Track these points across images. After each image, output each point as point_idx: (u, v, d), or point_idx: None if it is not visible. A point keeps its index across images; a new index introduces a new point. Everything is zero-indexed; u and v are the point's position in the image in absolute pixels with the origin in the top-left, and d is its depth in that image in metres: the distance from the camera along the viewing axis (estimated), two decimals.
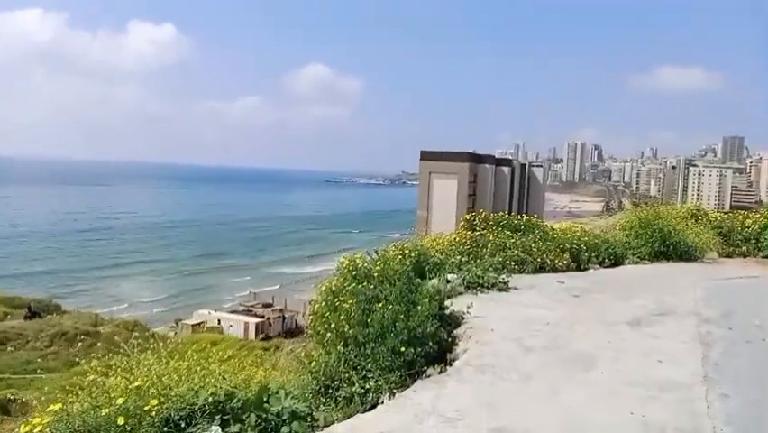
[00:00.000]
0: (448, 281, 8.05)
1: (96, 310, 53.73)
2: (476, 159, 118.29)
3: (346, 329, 5.77)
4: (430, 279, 8.03)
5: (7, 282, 68.23)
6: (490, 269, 8.90)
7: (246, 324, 55.98)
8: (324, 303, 6.35)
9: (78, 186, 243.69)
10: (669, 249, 12.03)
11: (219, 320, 57.57)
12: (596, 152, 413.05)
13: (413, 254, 8.26)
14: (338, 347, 5.76)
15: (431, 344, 5.69)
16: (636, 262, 11.53)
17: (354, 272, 6.57)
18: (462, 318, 6.61)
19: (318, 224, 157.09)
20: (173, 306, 69.30)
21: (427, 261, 8.57)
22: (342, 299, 6.15)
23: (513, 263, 9.84)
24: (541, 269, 10.11)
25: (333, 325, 5.93)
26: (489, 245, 10.08)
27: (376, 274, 6.45)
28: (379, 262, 6.67)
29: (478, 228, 11.06)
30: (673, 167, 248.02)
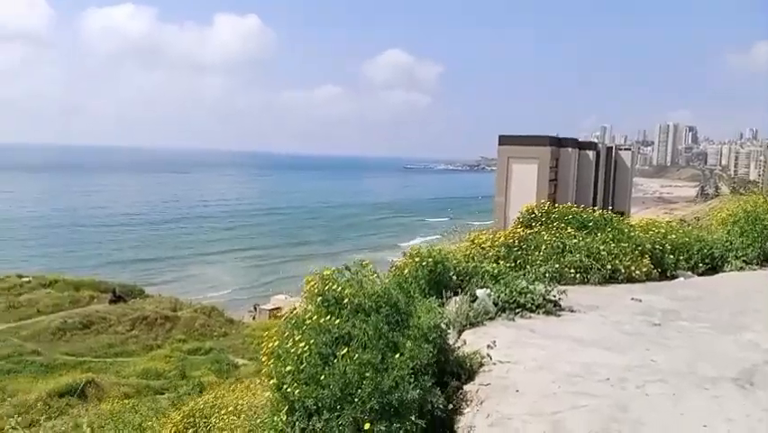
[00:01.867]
0: (473, 300, 5.95)
1: (179, 294, 54.85)
2: (557, 142, 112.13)
3: (292, 388, 3.86)
4: (447, 298, 5.97)
5: (99, 268, 71.29)
6: (540, 280, 6.70)
7: None
8: (278, 342, 4.45)
9: (169, 173, 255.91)
10: None
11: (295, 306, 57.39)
12: (690, 133, 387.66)
13: (426, 262, 6.22)
14: (281, 415, 3.89)
15: (414, 418, 3.68)
16: (740, 268, 8.82)
17: (321, 297, 4.61)
18: (480, 365, 4.54)
19: (395, 210, 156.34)
20: (254, 292, 69.92)
21: (449, 270, 6.48)
22: (297, 338, 4.23)
23: (573, 271, 7.55)
24: (612, 278, 7.73)
25: (274, 380, 4.04)
26: (544, 247, 7.81)
27: (346, 301, 4.45)
28: (349, 284, 4.64)
29: (535, 224, 8.79)
30: None
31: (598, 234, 8.15)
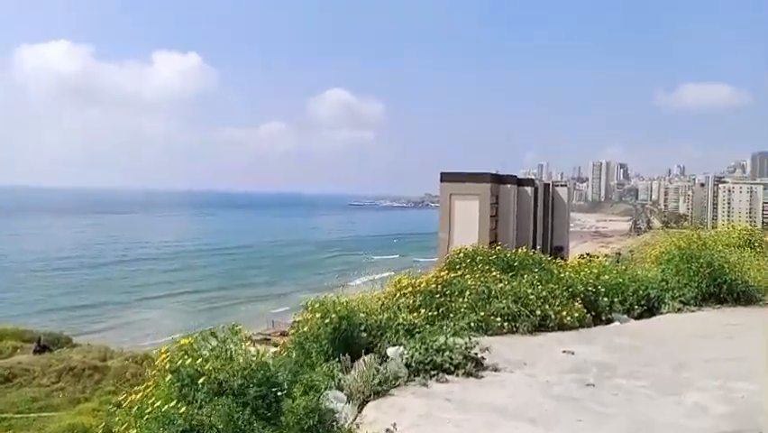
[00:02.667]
0: (382, 362, 5.04)
1: (114, 343, 51.58)
2: (497, 179, 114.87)
3: None
4: (353, 360, 5.03)
5: (26, 317, 66.55)
6: (462, 333, 5.86)
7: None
8: None
9: (109, 214, 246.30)
10: (721, 289, 8.81)
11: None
12: (621, 170, 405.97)
13: (329, 319, 5.28)
14: None
15: None
16: (678, 310, 8.30)
17: (173, 374, 3.59)
18: None
19: (342, 248, 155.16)
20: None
21: (357, 326, 5.56)
22: None
23: (500, 320, 6.78)
24: (542, 326, 6.99)
25: None
26: (468, 293, 7.02)
27: (203, 380, 3.46)
28: (215, 355, 3.65)
29: (460, 266, 8.02)
30: (702, 184, 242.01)
31: (526, 277, 7.45)
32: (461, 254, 8.35)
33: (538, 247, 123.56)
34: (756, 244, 10.49)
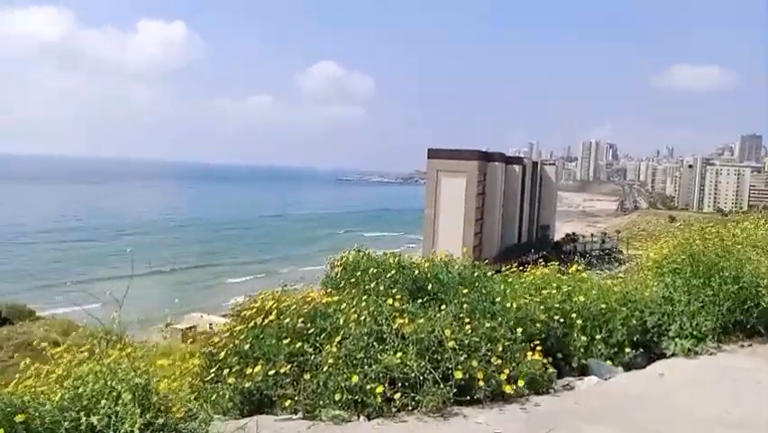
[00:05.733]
0: None
1: (82, 317, 48.45)
2: (485, 157, 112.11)
3: None
4: None
5: None
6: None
7: None
8: None
9: (87, 184, 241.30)
10: (750, 316, 5.90)
11: (210, 325, 52.51)
12: (611, 150, 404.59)
13: None
14: None
15: None
16: (688, 351, 5.39)
17: None
18: None
19: (324, 222, 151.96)
20: (168, 309, 63.19)
21: None
22: None
23: (389, 389, 3.86)
24: (461, 395, 4.08)
25: None
26: (343, 336, 4.12)
27: None
28: None
29: (345, 283, 5.10)
30: (690, 166, 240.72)
31: (446, 307, 4.48)
32: (341, 267, 5.41)
33: (524, 227, 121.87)
34: None
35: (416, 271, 5.11)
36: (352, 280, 5.08)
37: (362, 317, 4.19)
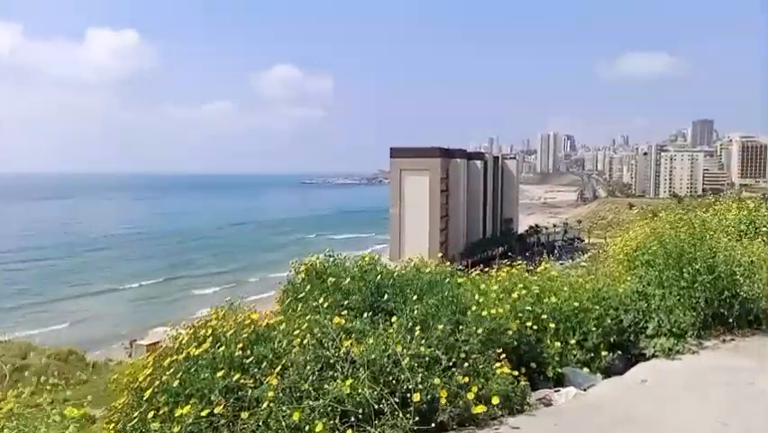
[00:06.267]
0: None
1: (41, 337, 46.14)
2: (447, 154, 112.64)
3: None
4: None
5: None
6: None
7: None
8: None
9: (47, 200, 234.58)
10: (732, 308, 5.52)
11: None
12: (568, 141, 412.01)
13: None
14: None
15: None
16: (669, 350, 4.99)
17: None
18: None
19: (294, 227, 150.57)
20: (129, 325, 61.16)
21: None
22: None
23: (342, 427, 3.34)
24: (429, 422, 3.59)
25: None
26: (286, 362, 3.58)
27: None
28: None
29: (303, 297, 4.54)
30: (645, 153, 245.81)
31: (394, 321, 3.94)
32: (304, 273, 4.86)
33: (488, 221, 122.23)
34: (765, 230, 7.17)
35: (378, 277, 4.56)
36: (301, 295, 4.51)
37: (305, 341, 3.66)
